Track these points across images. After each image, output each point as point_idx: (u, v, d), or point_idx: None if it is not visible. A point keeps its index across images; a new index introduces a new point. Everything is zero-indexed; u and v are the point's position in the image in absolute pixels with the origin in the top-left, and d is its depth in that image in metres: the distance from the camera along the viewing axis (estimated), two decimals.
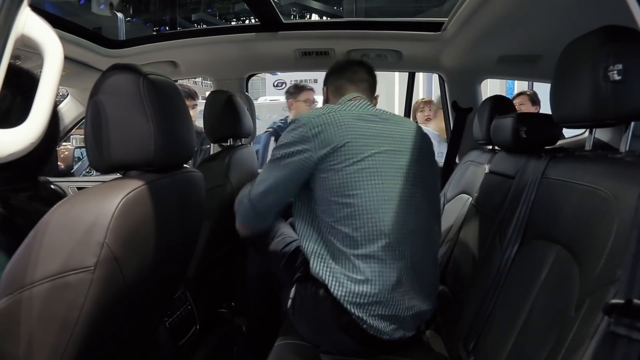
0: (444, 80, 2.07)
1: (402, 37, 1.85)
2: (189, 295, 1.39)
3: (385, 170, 1.12)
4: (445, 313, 1.37)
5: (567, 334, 0.65)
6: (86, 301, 0.63)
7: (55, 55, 0.58)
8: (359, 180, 1.10)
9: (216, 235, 1.50)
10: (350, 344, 1.16)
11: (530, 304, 0.83)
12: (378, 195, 1.10)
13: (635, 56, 0.71)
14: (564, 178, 0.85)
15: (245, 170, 1.69)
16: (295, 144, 1.13)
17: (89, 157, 0.77)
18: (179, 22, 9.20)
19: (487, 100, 1.58)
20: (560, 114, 0.87)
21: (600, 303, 0.57)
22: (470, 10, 1.40)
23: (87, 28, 1.83)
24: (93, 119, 0.74)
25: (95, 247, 0.63)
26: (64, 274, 0.62)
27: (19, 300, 0.61)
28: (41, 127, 0.56)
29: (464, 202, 1.62)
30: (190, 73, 2.27)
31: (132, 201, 0.68)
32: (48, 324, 0.63)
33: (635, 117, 0.75)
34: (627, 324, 0.52)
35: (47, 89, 0.58)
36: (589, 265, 0.67)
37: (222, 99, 1.59)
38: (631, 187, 0.63)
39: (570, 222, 0.78)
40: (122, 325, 0.81)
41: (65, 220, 0.64)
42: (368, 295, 1.09)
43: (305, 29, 1.93)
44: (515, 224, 0.97)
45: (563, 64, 0.86)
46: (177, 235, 0.92)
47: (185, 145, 0.86)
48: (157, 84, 0.77)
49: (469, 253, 1.34)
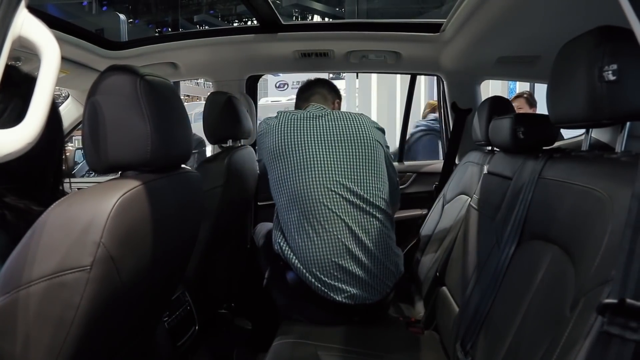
0: (443, 81, 2.07)
1: (401, 38, 1.85)
2: (188, 295, 1.39)
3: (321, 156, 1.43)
4: (443, 313, 1.37)
5: (561, 333, 0.65)
6: (82, 301, 0.63)
7: (53, 56, 0.59)
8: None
9: (215, 235, 1.51)
10: (318, 313, 1.37)
11: (526, 304, 0.83)
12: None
13: (630, 56, 0.71)
14: (560, 178, 0.85)
15: (244, 171, 1.69)
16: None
17: (86, 158, 0.78)
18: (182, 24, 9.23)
19: (486, 101, 1.58)
20: (556, 114, 0.88)
21: (595, 303, 0.57)
22: (468, 12, 1.40)
23: (88, 29, 1.84)
24: (90, 119, 0.74)
25: (92, 246, 0.63)
26: (60, 273, 0.62)
27: (15, 299, 0.62)
28: (38, 128, 0.57)
29: (463, 203, 1.62)
30: (190, 74, 2.28)
31: (128, 201, 0.68)
32: (44, 323, 0.63)
33: (630, 117, 0.75)
34: (620, 323, 0.52)
35: (44, 90, 0.58)
36: (584, 265, 0.67)
37: (221, 100, 1.59)
38: (626, 187, 0.63)
39: (566, 222, 0.78)
40: (119, 325, 0.81)
41: (61, 219, 0.64)
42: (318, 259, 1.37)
43: (305, 30, 1.94)
44: (512, 224, 0.97)
45: (559, 65, 0.86)
46: (175, 236, 0.92)
47: (182, 145, 0.87)
48: (154, 85, 0.77)
49: (467, 254, 1.34)
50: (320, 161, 1.41)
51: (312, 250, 1.36)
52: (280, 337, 1.28)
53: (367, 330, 1.37)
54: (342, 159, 1.43)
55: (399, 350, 1.23)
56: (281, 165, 1.43)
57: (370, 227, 1.40)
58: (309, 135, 1.45)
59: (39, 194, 0.79)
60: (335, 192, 1.39)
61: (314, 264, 1.36)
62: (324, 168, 1.41)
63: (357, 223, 1.39)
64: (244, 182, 1.70)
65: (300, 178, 1.40)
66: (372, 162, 1.45)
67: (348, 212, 1.39)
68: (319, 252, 1.36)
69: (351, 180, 1.41)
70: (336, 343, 1.24)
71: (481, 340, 0.98)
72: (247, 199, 1.87)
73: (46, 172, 0.84)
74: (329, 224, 1.37)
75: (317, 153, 1.42)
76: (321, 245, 1.36)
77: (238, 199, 1.68)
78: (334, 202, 1.38)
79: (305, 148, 1.42)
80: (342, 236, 1.36)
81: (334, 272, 1.35)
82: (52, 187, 0.86)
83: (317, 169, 1.40)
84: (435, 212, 1.94)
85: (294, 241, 1.40)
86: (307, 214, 1.38)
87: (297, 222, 1.40)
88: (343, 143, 1.44)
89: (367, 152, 1.45)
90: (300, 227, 1.39)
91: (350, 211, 1.39)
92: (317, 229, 1.37)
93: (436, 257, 1.62)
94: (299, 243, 1.38)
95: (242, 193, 1.71)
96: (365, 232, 1.39)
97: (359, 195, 1.40)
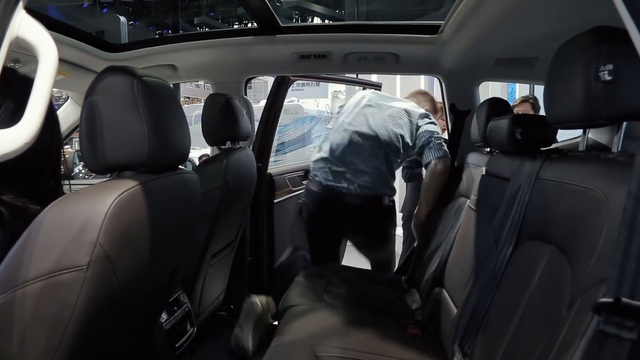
0: (441, 82, 2.07)
1: (399, 40, 1.85)
2: (187, 297, 1.39)
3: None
4: (441, 314, 1.37)
5: (558, 333, 0.65)
6: (79, 300, 0.63)
7: (50, 57, 0.59)
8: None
9: (214, 237, 1.51)
10: (324, 208, 1.99)
11: (524, 304, 0.83)
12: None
13: (625, 56, 0.71)
14: (557, 178, 0.85)
15: (243, 172, 1.69)
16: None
17: (83, 158, 0.78)
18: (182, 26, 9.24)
19: (485, 102, 1.58)
20: (553, 115, 0.88)
21: (591, 302, 0.57)
22: (465, 13, 1.41)
23: (87, 32, 1.84)
24: (87, 120, 0.75)
25: (88, 246, 0.63)
26: (56, 272, 0.62)
27: (12, 298, 0.62)
28: (36, 128, 0.57)
29: (462, 204, 1.62)
30: (189, 76, 2.29)
31: (125, 201, 0.68)
32: (41, 323, 0.63)
33: (626, 117, 0.75)
34: (616, 322, 0.52)
35: (41, 90, 0.58)
36: (581, 264, 0.67)
37: (220, 102, 1.60)
38: (622, 186, 0.63)
39: (562, 222, 0.78)
40: (116, 325, 0.81)
41: (58, 219, 0.64)
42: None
43: (303, 32, 1.94)
44: (509, 225, 0.97)
45: (555, 65, 0.86)
46: (172, 237, 0.92)
47: (179, 146, 0.87)
48: (151, 86, 0.78)
49: (465, 255, 1.34)
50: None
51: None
52: (278, 337, 1.28)
53: (365, 330, 1.37)
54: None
55: (397, 351, 1.22)
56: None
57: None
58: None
59: (36, 193, 0.79)
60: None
61: None
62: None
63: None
64: (242, 184, 1.70)
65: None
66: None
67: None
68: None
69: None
70: (334, 344, 1.24)
71: (479, 341, 0.98)
72: (246, 200, 1.87)
73: (43, 172, 0.84)
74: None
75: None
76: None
77: (237, 200, 1.68)
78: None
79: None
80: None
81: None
82: (52, 188, 0.86)
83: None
84: (435, 213, 1.94)
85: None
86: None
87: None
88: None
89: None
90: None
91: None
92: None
93: (434, 259, 1.62)
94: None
95: (240, 194, 1.71)
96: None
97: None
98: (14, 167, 0.63)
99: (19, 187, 0.76)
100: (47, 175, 0.85)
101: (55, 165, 0.87)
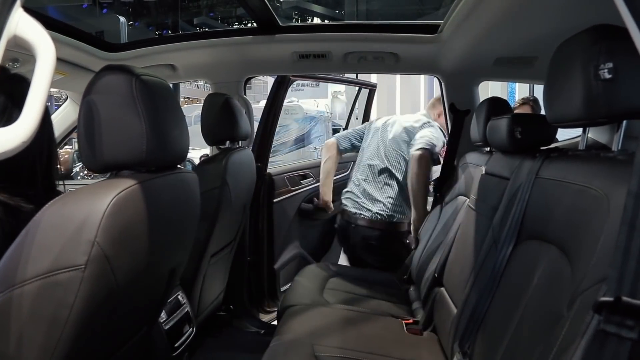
0: (441, 82, 2.07)
1: (398, 39, 1.85)
2: (186, 297, 1.39)
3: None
4: (441, 314, 1.37)
5: (559, 332, 0.65)
6: (77, 300, 0.63)
7: (48, 55, 0.59)
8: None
9: (213, 237, 1.50)
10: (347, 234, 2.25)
11: (524, 304, 0.83)
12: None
13: (625, 55, 0.71)
14: (557, 178, 0.85)
15: (242, 172, 1.69)
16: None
17: (81, 157, 0.78)
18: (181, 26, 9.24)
19: (484, 102, 1.58)
20: (553, 113, 0.87)
21: (591, 301, 0.57)
22: (464, 13, 1.40)
23: (86, 31, 1.84)
24: (86, 118, 0.74)
25: (86, 245, 0.63)
26: (54, 272, 0.62)
27: (9, 298, 0.62)
28: (33, 127, 0.57)
29: (461, 204, 1.61)
30: (188, 76, 2.29)
31: (123, 200, 0.68)
32: (38, 322, 0.63)
33: (626, 116, 0.75)
34: (616, 321, 0.52)
35: (39, 89, 0.58)
36: (581, 263, 0.67)
37: (219, 102, 1.60)
38: (622, 185, 0.63)
39: (562, 221, 0.78)
40: (114, 325, 0.81)
41: (56, 218, 0.64)
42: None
43: (303, 31, 1.94)
44: (509, 224, 0.97)
45: (555, 64, 0.86)
46: (171, 236, 0.92)
47: (178, 145, 0.87)
48: (149, 85, 0.77)
49: (465, 255, 1.34)
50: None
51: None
52: (278, 337, 1.27)
53: (365, 330, 1.36)
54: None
55: (397, 351, 1.22)
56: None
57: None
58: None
59: (29, 192, 0.79)
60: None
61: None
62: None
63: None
64: (242, 184, 1.70)
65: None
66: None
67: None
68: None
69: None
70: (333, 344, 1.24)
71: (479, 341, 0.98)
72: (246, 200, 1.86)
73: (35, 171, 0.84)
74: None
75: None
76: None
77: (236, 200, 1.67)
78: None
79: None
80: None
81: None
82: (46, 187, 0.86)
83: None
84: (434, 213, 1.94)
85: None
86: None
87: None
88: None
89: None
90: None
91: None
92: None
93: (434, 258, 1.62)
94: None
95: (240, 194, 1.71)
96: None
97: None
98: (5, 166, 0.62)
99: (11, 186, 0.76)
100: (39, 174, 0.85)
101: (47, 164, 0.86)
